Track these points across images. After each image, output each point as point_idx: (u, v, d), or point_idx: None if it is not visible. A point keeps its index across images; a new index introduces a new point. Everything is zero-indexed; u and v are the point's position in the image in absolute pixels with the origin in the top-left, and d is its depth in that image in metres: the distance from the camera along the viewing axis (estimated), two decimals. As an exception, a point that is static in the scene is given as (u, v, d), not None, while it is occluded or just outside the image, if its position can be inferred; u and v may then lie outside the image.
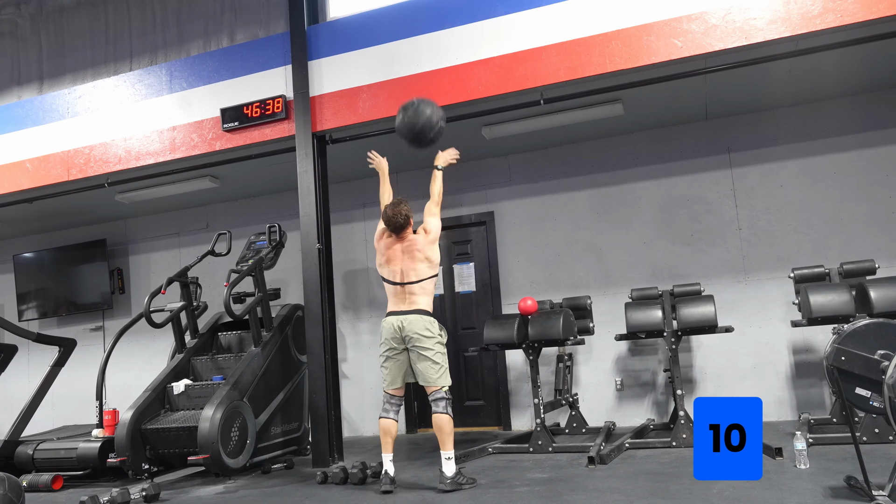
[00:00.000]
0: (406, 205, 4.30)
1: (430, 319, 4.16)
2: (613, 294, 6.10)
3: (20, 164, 6.42)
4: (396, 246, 4.28)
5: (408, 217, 4.27)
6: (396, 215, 4.23)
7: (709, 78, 5.07)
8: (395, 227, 4.25)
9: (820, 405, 5.54)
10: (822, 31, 4.32)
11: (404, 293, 4.21)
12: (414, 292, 4.19)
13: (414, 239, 4.28)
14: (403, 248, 4.26)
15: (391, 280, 4.27)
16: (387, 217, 4.27)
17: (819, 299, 4.58)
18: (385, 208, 4.32)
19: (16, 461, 5.41)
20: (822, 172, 5.74)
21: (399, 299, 4.23)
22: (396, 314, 4.20)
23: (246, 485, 4.72)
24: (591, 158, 6.38)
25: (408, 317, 4.14)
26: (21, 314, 8.13)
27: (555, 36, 4.87)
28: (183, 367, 5.56)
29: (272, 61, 5.65)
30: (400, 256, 4.25)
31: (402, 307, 4.20)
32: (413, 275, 4.21)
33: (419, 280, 4.20)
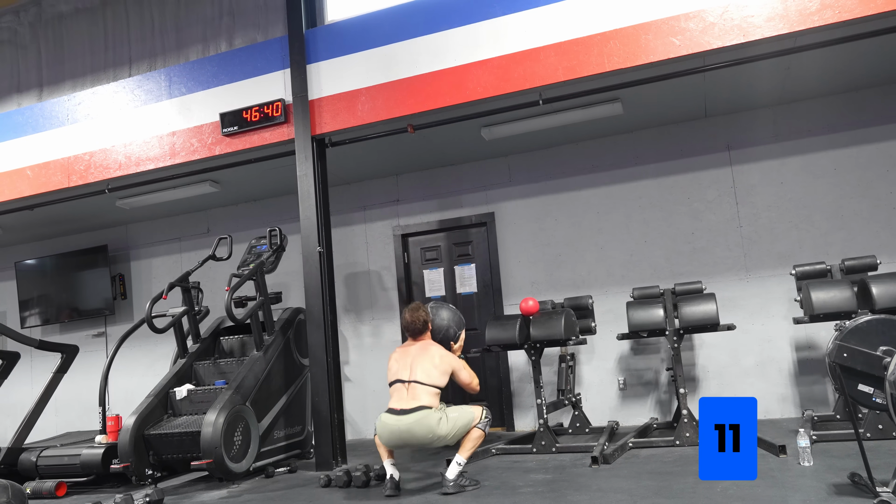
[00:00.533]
0: (425, 310, 4.27)
1: (430, 412, 3.91)
2: (615, 293, 6.09)
3: (21, 171, 6.43)
4: (412, 346, 4.21)
5: (426, 322, 4.25)
6: (415, 321, 4.22)
7: (707, 76, 5.07)
8: (413, 332, 4.25)
9: (823, 402, 5.52)
10: (820, 27, 4.32)
11: (409, 390, 4.01)
12: (418, 390, 3.99)
13: (431, 343, 4.20)
14: (419, 348, 4.17)
15: (398, 378, 4.07)
16: (406, 322, 4.26)
17: (821, 296, 4.57)
18: (404, 313, 4.32)
19: (19, 468, 5.42)
20: (823, 169, 5.73)
21: (400, 395, 4.02)
22: (396, 414, 3.95)
23: (249, 489, 4.72)
24: (590, 158, 6.37)
25: (408, 417, 3.90)
26: (23, 321, 8.14)
27: (553, 36, 4.87)
28: (185, 371, 5.57)
29: (271, 65, 5.65)
30: (413, 353, 4.13)
31: (404, 405, 3.95)
32: (422, 374, 4.02)
33: (427, 384, 4.00)
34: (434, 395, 4.01)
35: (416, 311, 4.25)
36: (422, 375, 4.02)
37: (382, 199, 7.02)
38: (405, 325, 4.27)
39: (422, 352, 4.13)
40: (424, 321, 4.24)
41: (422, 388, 3.99)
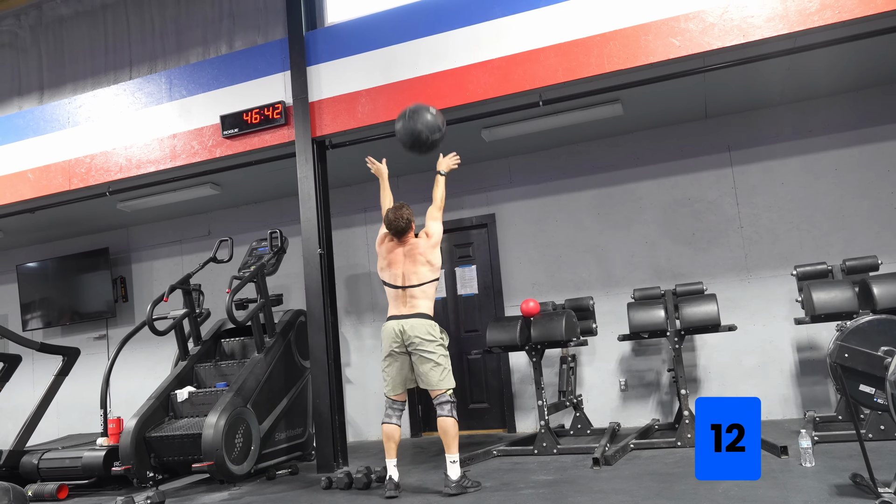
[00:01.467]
0: (408, 209, 4.31)
1: (431, 323, 4.15)
2: (616, 294, 6.08)
3: (22, 174, 6.44)
4: (398, 250, 4.28)
5: (409, 221, 4.27)
6: (398, 219, 4.24)
7: (708, 76, 5.07)
8: (396, 230, 4.26)
9: (825, 403, 5.52)
10: (820, 27, 4.32)
11: (405, 297, 4.20)
12: (415, 296, 4.18)
13: (416, 242, 4.27)
14: (405, 252, 4.26)
15: (392, 284, 4.26)
16: (388, 221, 4.27)
17: (822, 296, 4.57)
18: (387, 212, 4.32)
19: (21, 471, 5.42)
20: (824, 169, 5.73)
21: (400, 303, 4.22)
22: (397, 318, 4.18)
23: (251, 491, 4.72)
24: (591, 159, 6.37)
25: (408, 321, 4.13)
26: (25, 324, 8.15)
27: (552, 37, 4.87)
28: (186, 374, 5.57)
29: (271, 67, 5.66)
30: (401, 260, 4.25)
31: (403, 311, 4.19)
32: (415, 278, 4.20)
33: (420, 284, 4.19)
34: (429, 297, 4.21)
35: (399, 210, 4.26)
36: (415, 279, 4.18)
37: (383, 200, 7.00)
38: (388, 224, 4.26)
39: (409, 257, 4.22)
40: (408, 220, 4.26)
41: (417, 292, 4.18)
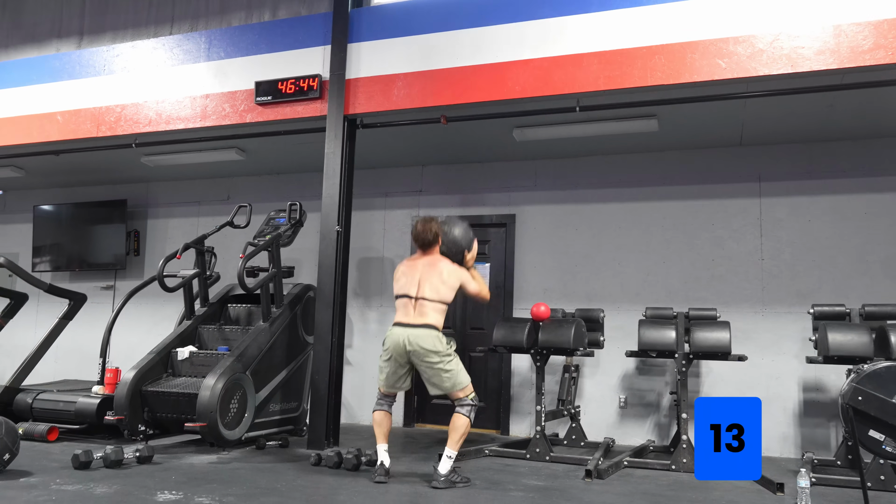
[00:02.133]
0: (437, 223, 4.23)
1: (437, 335, 4.02)
2: (627, 310, 6.03)
3: (51, 115, 6.46)
4: (420, 260, 4.20)
5: (437, 234, 4.20)
6: (426, 231, 4.18)
7: (748, 103, 5.01)
8: (423, 242, 4.21)
9: (825, 446, 5.44)
10: (870, 66, 4.25)
11: (415, 306, 4.08)
12: (425, 306, 4.06)
13: (439, 258, 4.18)
14: (426, 263, 4.17)
15: (404, 293, 4.13)
16: (416, 232, 4.21)
17: (838, 338, 4.50)
18: (416, 223, 4.27)
19: (14, 408, 5.44)
20: (853, 211, 5.65)
21: (409, 309, 4.09)
22: (403, 326, 4.06)
23: (239, 458, 4.71)
24: (619, 172, 6.32)
25: (415, 331, 4.00)
26: (34, 265, 8.18)
27: (598, 44, 4.82)
28: (189, 333, 5.57)
29: (312, 40, 5.64)
30: (420, 269, 4.14)
31: (410, 319, 4.06)
32: (429, 290, 4.06)
33: (433, 300, 4.06)
34: (440, 312, 4.07)
35: (428, 223, 4.20)
36: (430, 292, 4.06)
37: (405, 187, 6.99)
38: (415, 236, 4.22)
39: (430, 267, 4.13)
40: (435, 233, 4.19)
41: (429, 305, 4.04)
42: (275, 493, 3.67)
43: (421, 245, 4.23)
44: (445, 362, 4.00)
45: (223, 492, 3.65)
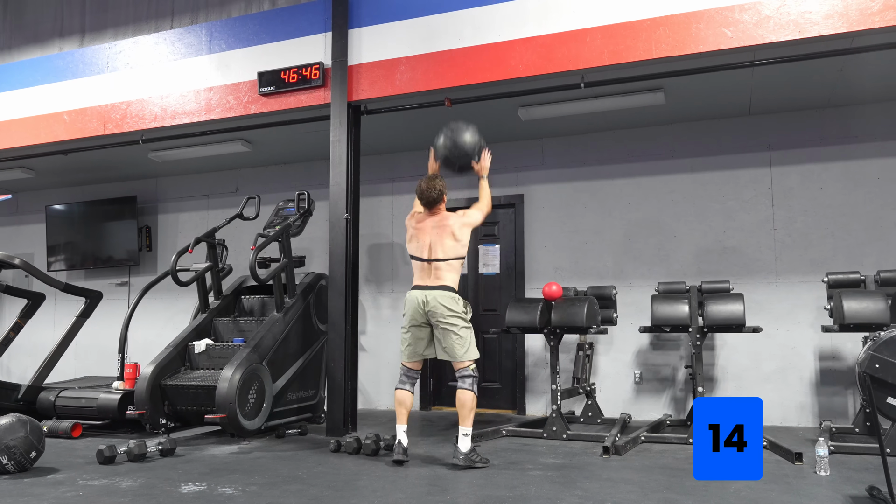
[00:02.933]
0: (441, 180, 4.29)
1: (454, 296, 4.14)
2: (639, 286, 6.02)
3: (58, 115, 6.48)
4: (427, 221, 4.27)
5: (441, 192, 4.26)
6: (430, 189, 4.23)
7: (756, 71, 4.94)
8: (427, 200, 4.25)
9: (842, 414, 5.43)
10: (880, 28, 4.17)
11: (430, 269, 4.19)
12: (440, 268, 4.17)
13: (447, 215, 4.26)
14: (434, 224, 4.24)
15: (418, 256, 4.24)
16: (420, 190, 4.26)
17: (853, 305, 4.47)
18: (420, 182, 4.31)
19: (38, 407, 5.53)
20: (866, 177, 5.58)
21: (425, 274, 4.21)
22: (421, 288, 4.18)
23: (260, 447, 4.76)
24: (626, 147, 6.27)
25: (432, 292, 4.12)
26: (49, 265, 8.27)
27: (601, 18, 4.76)
28: (205, 326, 5.61)
29: (312, 27, 5.61)
30: (429, 231, 4.23)
31: (427, 282, 4.18)
32: (441, 251, 4.18)
33: (446, 259, 4.17)
34: (456, 270, 4.19)
35: (432, 181, 4.26)
36: (442, 253, 4.16)
37: (412, 172, 6.97)
38: (420, 193, 4.27)
39: (439, 229, 4.20)
40: (440, 191, 4.25)
41: (443, 266, 4.16)
42: (297, 481, 3.71)
43: (426, 203, 4.27)
44: (460, 325, 4.09)
45: (246, 481, 3.70)
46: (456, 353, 4.08)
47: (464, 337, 4.09)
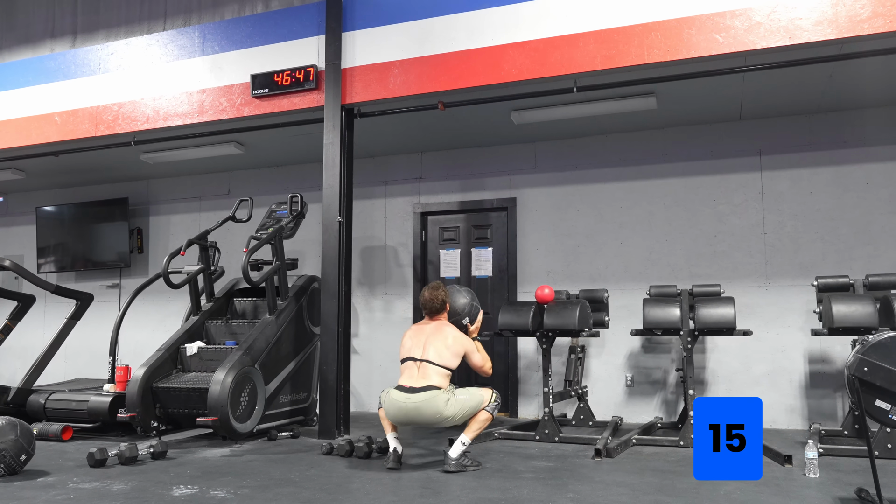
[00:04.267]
0: (444, 290, 4.27)
1: (444, 398, 3.91)
2: (631, 289, 6.05)
3: (49, 116, 6.45)
4: (427, 326, 4.22)
5: (444, 302, 4.25)
6: (433, 299, 4.22)
7: (747, 77, 4.98)
8: (430, 310, 4.25)
9: (832, 417, 5.48)
10: (869, 35, 4.22)
11: (419, 367, 4.03)
12: (429, 370, 4.00)
13: (449, 325, 4.19)
14: (434, 327, 4.18)
15: (408, 356, 4.09)
16: (424, 300, 4.24)
17: (842, 309, 4.51)
18: (423, 291, 4.29)
19: (28, 409, 5.49)
20: (855, 182, 5.64)
21: (411, 373, 4.03)
22: (405, 391, 3.96)
23: (252, 450, 4.75)
24: (618, 151, 6.30)
25: (417, 395, 3.91)
26: (40, 266, 8.22)
27: (593, 23, 4.79)
28: (197, 329, 5.60)
29: (306, 30, 5.61)
30: (427, 332, 4.14)
31: (413, 382, 3.98)
32: (434, 354, 4.02)
33: (439, 364, 4.00)
34: (444, 377, 4.02)
35: (436, 290, 4.24)
36: (434, 355, 4.03)
37: (405, 175, 6.99)
38: (423, 303, 4.25)
39: (436, 332, 4.13)
40: (443, 301, 4.24)
41: (432, 369, 4.00)
42: (289, 484, 3.71)
43: (429, 312, 4.26)
44: (459, 399, 3.95)
45: (238, 484, 3.69)
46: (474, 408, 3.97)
47: (466, 398, 3.96)
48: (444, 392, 3.94)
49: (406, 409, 3.94)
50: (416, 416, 3.94)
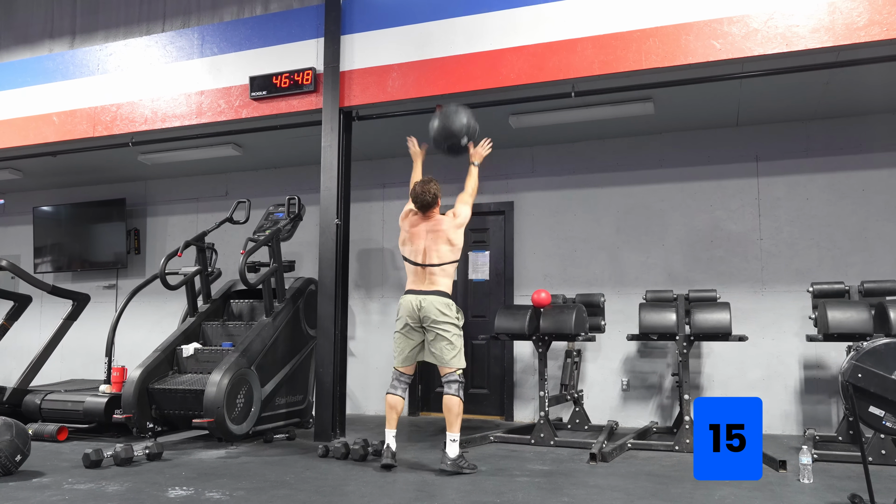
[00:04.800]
0: (436, 184, 4.31)
1: (447, 301, 4.16)
2: (627, 294, 6.06)
3: (47, 116, 6.45)
4: (421, 225, 4.29)
5: (436, 196, 4.27)
6: (425, 193, 4.25)
7: (744, 83, 5.00)
8: (422, 204, 4.26)
9: (826, 422, 5.49)
10: (865, 43, 4.24)
11: (425, 274, 4.21)
12: (434, 273, 4.19)
13: (440, 219, 4.28)
14: (428, 228, 4.26)
15: (412, 260, 4.26)
16: (415, 194, 4.28)
17: (837, 315, 4.53)
18: (414, 185, 4.34)
19: (23, 409, 5.48)
20: (850, 188, 5.66)
21: (419, 279, 4.23)
22: (415, 293, 4.20)
23: (247, 452, 4.75)
24: (616, 156, 6.32)
25: (426, 297, 4.14)
26: (36, 266, 8.21)
27: (591, 28, 4.80)
28: (194, 330, 5.60)
29: (305, 33, 5.62)
30: (423, 236, 4.25)
31: (422, 287, 4.20)
32: (435, 256, 4.20)
33: (441, 263, 4.19)
34: (449, 275, 4.22)
35: (427, 184, 4.28)
36: (436, 258, 4.18)
37: (403, 178, 6.91)
38: (414, 197, 4.29)
39: (433, 233, 4.23)
40: (434, 195, 4.27)
41: (437, 271, 4.18)
42: (284, 486, 3.71)
43: (420, 207, 4.29)
44: (452, 332, 4.12)
45: (233, 486, 3.69)
46: (444, 358, 4.10)
47: (454, 343, 4.12)
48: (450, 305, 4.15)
49: (418, 303, 4.13)
50: (426, 308, 4.10)
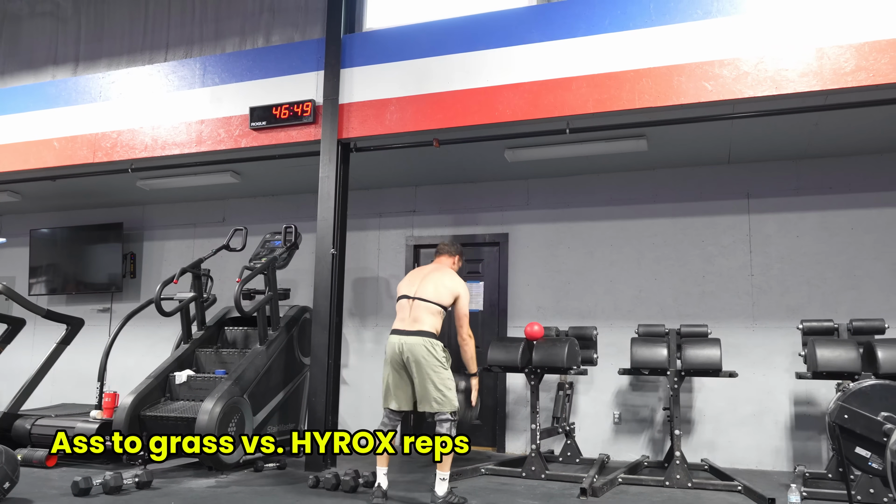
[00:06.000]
0: (461, 248, 4.56)
1: (432, 342, 4.09)
2: (620, 327, 6.10)
3: (48, 142, 6.52)
4: (428, 266, 4.42)
5: (456, 250, 4.51)
6: (450, 244, 4.53)
7: (735, 123, 5.11)
8: (439, 249, 4.51)
9: (816, 459, 5.50)
10: (852, 87, 4.35)
11: (411, 309, 4.17)
12: (421, 309, 4.15)
13: (447, 270, 4.38)
14: (433, 269, 4.37)
15: (404, 293, 4.28)
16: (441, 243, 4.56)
17: (826, 354, 4.57)
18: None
19: (13, 434, 5.46)
20: (840, 227, 5.75)
21: (405, 314, 4.20)
22: (399, 333, 4.15)
23: (238, 481, 4.73)
24: (609, 190, 6.41)
25: (409, 338, 4.09)
26: (31, 287, 8.21)
27: (586, 67, 4.92)
28: (187, 357, 5.60)
29: (305, 65, 5.73)
30: (426, 271, 4.35)
31: (406, 326, 4.15)
32: (431, 293, 4.19)
33: (431, 301, 4.16)
34: (437, 315, 4.16)
35: (455, 243, 4.56)
36: (429, 292, 4.19)
37: (399, 208, 7.06)
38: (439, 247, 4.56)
39: (436, 271, 4.33)
40: (455, 247, 4.53)
41: (424, 307, 4.14)
42: (274, 518, 3.70)
43: (437, 251, 4.53)
44: (440, 373, 4.06)
45: (222, 517, 3.68)
46: (433, 404, 4.03)
47: (441, 384, 4.04)
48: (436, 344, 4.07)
49: (401, 346, 4.05)
50: (409, 350, 4.03)
